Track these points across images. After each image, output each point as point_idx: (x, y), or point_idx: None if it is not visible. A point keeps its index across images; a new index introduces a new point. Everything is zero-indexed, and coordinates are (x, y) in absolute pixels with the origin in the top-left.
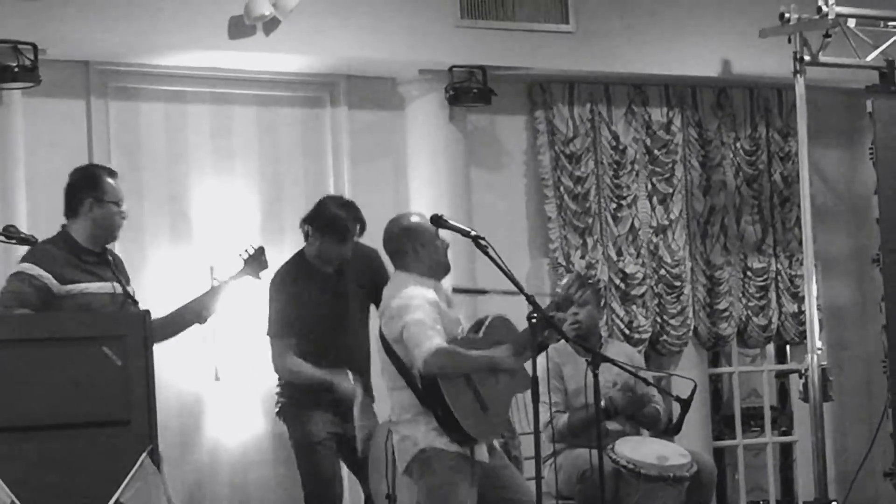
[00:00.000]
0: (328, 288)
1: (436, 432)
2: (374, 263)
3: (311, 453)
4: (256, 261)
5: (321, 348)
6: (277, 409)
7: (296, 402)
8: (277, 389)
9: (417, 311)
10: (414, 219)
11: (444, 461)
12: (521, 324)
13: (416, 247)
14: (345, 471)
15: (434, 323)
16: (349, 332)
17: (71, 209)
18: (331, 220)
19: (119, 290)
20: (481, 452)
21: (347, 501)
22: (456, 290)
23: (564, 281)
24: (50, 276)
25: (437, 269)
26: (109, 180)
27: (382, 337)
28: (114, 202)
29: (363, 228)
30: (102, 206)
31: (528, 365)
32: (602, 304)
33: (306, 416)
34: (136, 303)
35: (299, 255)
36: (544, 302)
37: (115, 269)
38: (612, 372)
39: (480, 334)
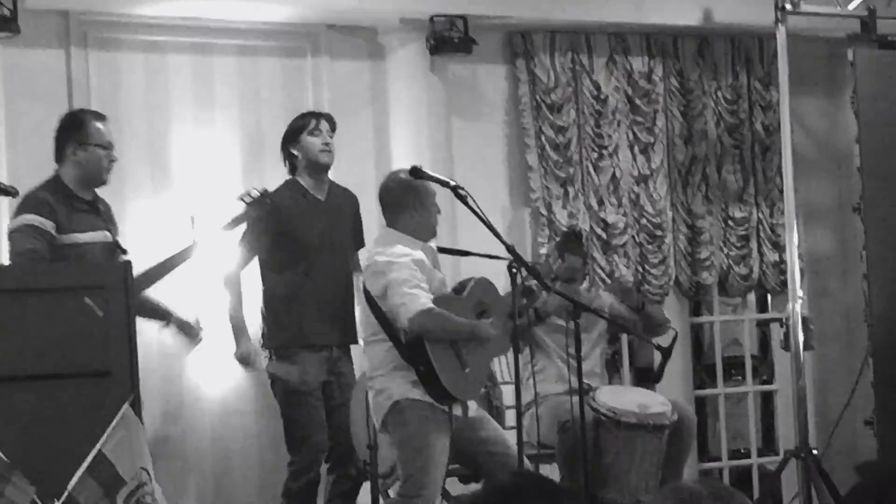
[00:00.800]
0: (321, 214)
1: (411, 384)
2: (356, 206)
3: (298, 403)
4: (261, 205)
5: (308, 274)
6: (264, 352)
7: (283, 335)
8: (262, 331)
9: (404, 269)
10: (405, 176)
11: (417, 411)
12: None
13: (415, 205)
14: None
15: (420, 282)
16: (336, 261)
17: (58, 153)
18: (295, 124)
19: (110, 238)
20: (457, 408)
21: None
22: (441, 250)
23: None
24: (53, 225)
25: (427, 231)
26: (96, 123)
27: (366, 290)
28: (98, 145)
29: (330, 121)
30: (86, 149)
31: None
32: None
33: (298, 360)
34: (125, 252)
35: (292, 181)
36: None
37: (108, 218)
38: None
39: (464, 294)
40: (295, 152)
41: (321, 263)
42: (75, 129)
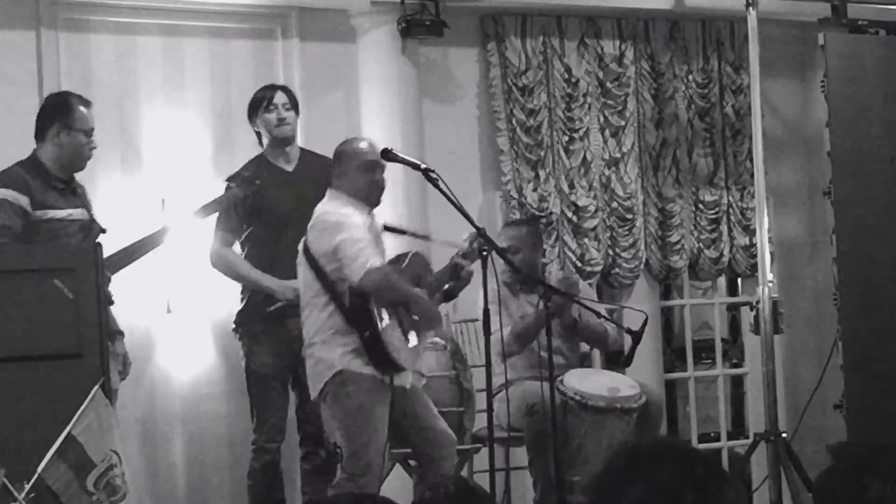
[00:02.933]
0: (287, 184)
1: (353, 354)
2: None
3: (261, 385)
4: (247, 184)
5: (281, 248)
6: (234, 328)
7: (253, 321)
8: (238, 308)
9: (355, 229)
10: (361, 144)
11: (361, 384)
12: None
13: (351, 169)
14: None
15: (368, 243)
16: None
17: (39, 133)
18: (252, 99)
19: (87, 217)
20: (401, 378)
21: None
22: (387, 228)
23: (465, 236)
24: (27, 199)
25: (365, 198)
26: (82, 109)
27: (307, 249)
28: (83, 130)
29: (290, 96)
30: (70, 133)
31: (479, 296)
32: (553, 239)
33: (260, 342)
34: (104, 230)
35: (258, 157)
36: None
37: (84, 198)
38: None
39: (403, 266)
40: (256, 128)
41: (291, 235)
42: (62, 112)
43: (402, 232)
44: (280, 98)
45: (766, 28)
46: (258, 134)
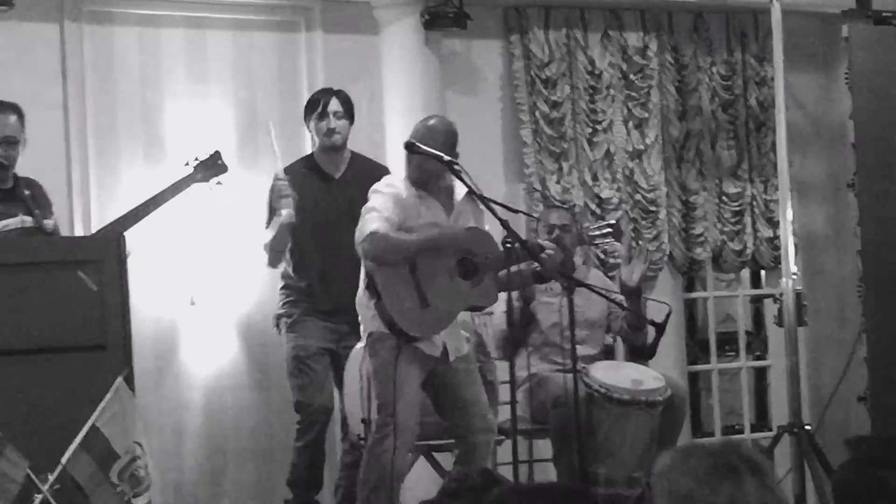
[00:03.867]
0: (332, 191)
1: (375, 316)
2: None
3: (302, 367)
4: (208, 166)
5: (323, 252)
6: (276, 323)
7: (293, 313)
8: (278, 301)
9: (375, 197)
10: (431, 122)
11: (387, 343)
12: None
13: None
14: None
15: (384, 211)
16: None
17: None
18: (308, 101)
19: (29, 223)
20: (430, 345)
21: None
22: (469, 195)
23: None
24: None
25: (417, 178)
26: None
27: None
28: None
29: (346, 104)
30: None
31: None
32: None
33: (303, 325)
34: (48, 234)
35: (308, 157)
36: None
37: (31, 203)
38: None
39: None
40: (309, 130)
41: (333, 239)
42: None
43: (480, 198)
44: (333, 105)
45: (790, 20)
46: (312, 140)
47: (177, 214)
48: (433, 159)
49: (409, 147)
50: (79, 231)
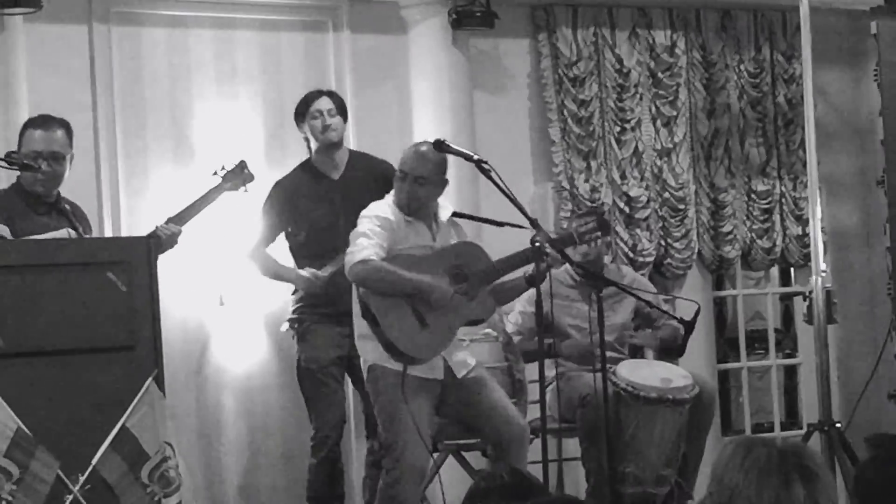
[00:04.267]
0: (332, 193)
1: (381, 347)
2: (388, 174)
3: (313, 381)
4: (236, 175)
5: (324, 255)
6: (287, 328)
7: (306, 318)
8: (291, 306)
9: (364, 222)
10: (412, 150)
11: (388, 378)
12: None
13: (396, 176)
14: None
15: (374, 236)
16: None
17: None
18: (296, 109)
19: (74, 236)
20: (430, 369)
21: (353, 427)
22: (456, 215)
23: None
24: (6, 229)
25: (400, 204)
26: (33, 132)
27: None
28: (26, 156)
29: (337, 101)
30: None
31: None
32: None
33: (310, 338)
34: None
35: (305, 162)
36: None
37: (73, 218)
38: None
39: (433, 254)
40: (303, 134)
41: (338, 242)
42: (19, 142)
43: (475, 219)
44: (324, 104)
45: (818, 17)
46: (306, 140)
47: (205, 215)
48: (420, 180)
49: (439, 146)
50: (108, 231)
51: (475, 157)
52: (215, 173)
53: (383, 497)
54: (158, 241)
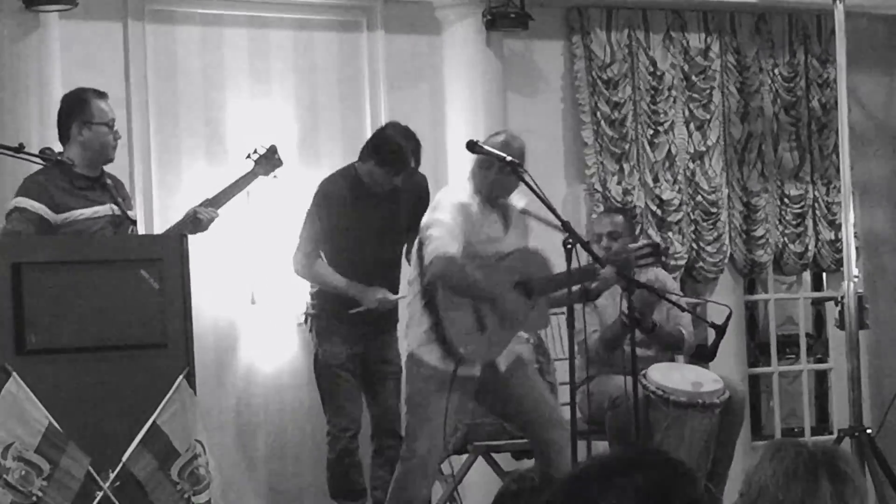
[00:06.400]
0: (379, 208)
1: (425, 336)
2: (421, 191)
3: (330, 375)
4: (268, 160)
5: (364, 268)
6: (304, 319)
7: (324, 314)
8: (308, 300)
9: (446, 212)
10: (490, 139)
11: (423, 369)
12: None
13: (475, 163)
14: None
15: (455, 226)
16: (396, 255)
17: (62, 135)
18: (393, 149)
19: (118, 211)
20: (468, 368)
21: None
22: (524, 211)
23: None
24: (44, 207)
25: (482, 193)
26: (98, 102)
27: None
28: (103, 123)
29: (418, 162)
30: (91, 128)
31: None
32: (637, 231)
33: (330, 333)
34: (134, 222)
35: (352, 171)
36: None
37: (115, 192)
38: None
39: (504, 263)
40: (366, 164)
41: (369, 250)
42: (79, 109)
43: (535, 216)
44: (412, 166)
45: (853, 21)
46: (362, 154)
47: (237, 212)
48: (507, 169)
49: (472, 147)
50: (141, 229)
51: (508, 158)
52: (248, 157)
53: (396, 485)
54: (198, 222)
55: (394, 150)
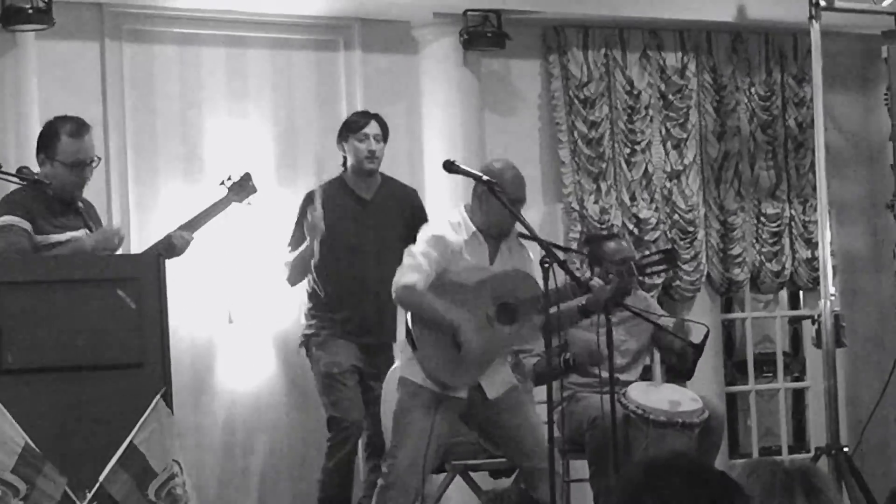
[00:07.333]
0: (362, 214)
1: (410, 362)
2: (415, 202)
3: (335, 381)
4: (242, 187)
5: (341, 270)
6: (302, 341)
7: (322, 333)
8: (303, 321)
9: (420, 244)
10: (495, 164)
11: (408, 388)
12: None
13: (478, 196)
14: None
15: (424, 258)
16: (381, 260)
17: (37, 156)
18: (347, 122)
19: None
20: (456, 391)
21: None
22: (521, 236)
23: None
24: (29, 225)
25: (482, 223)
26: (66, 139)
27: None
28: (63, 163)
29: (383, 127)
30: (53, 164)
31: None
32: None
33: (332, 345)
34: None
35: (338, 179)
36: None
37: (87, 217)
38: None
39: (474, 285)
40: (343, 152)
41: (362, 262)
42: (46, 142)
43: (533, 238)
44: (373, 129)
45: (828, 41)
46: (344, 157)
47: (214, 232)
48: (505, 212)
49: (449, 166)
50: (118, 249)
51: (485, 177)
52: (222, 183)
53: (377, 501)
54: (173, 247)
55: (346, 121)
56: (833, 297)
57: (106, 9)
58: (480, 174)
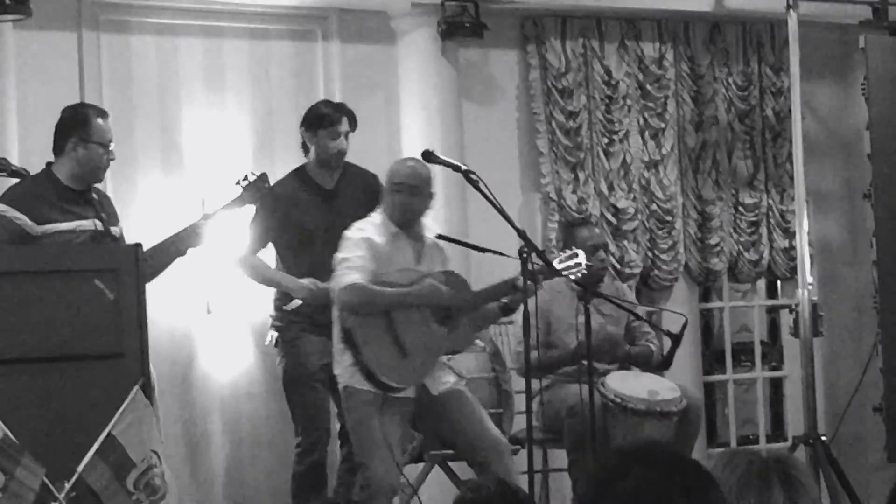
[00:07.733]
0: (325, 203)
1: (353, 369)
2: (374, 188)
3: (301, 387)
4: (257, 188)
5: (312, 264)
6: (271, 340)
7: (292, 327)
8: (270, 319)
9: (345, 248)
10: (397, 165)
11: (360, 397)
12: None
13: (385, 189)
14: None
15: (358, 260)
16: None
17: (57, 147)
18: (317, 114)
19: (101, 227)
20: (405, 391)
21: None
22: (441, 237)
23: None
24: (25, 218)
25: (394, 218)
26: (99, 120)
27: None
28: (100, 143)
29: (353, 121)
30: (87, 146)
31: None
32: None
33: (299, 345)
34: (115, 240)
35: (299, 169)
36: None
37: (99, 208)
38: (605, 308)
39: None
40: (309, 143)
41: (326, 252)
42: (79, 125)
43: (460, 243)
44: (344, 126)
45: (806, 30)
46: (304, 145)
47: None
48: (415, 191)
49: (428, 156)
50: None
51: (463, 167)
52: (237, 183)
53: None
54: (198, 236)
55: (318, 113)
56: (811, 287)
57: None
58: (459, 164)
